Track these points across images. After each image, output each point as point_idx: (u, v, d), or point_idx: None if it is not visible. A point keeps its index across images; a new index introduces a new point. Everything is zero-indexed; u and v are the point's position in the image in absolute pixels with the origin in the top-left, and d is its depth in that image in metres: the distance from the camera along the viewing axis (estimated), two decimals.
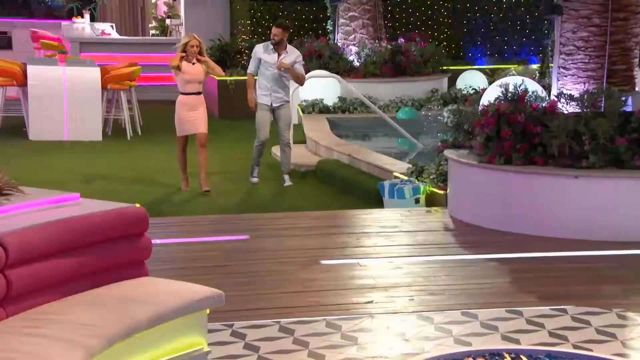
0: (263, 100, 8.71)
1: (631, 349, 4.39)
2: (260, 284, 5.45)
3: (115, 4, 22.01)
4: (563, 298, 5.13)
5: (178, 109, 8.45)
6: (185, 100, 8.41)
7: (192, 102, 8.39)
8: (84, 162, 10.24)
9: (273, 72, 8.61)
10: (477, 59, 16.28)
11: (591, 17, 6.74)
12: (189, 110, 8.39)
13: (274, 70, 8.61)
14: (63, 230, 3.50)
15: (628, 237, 6.34)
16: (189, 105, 8.39)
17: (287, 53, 8.68)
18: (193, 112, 8.40)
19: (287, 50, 8.70)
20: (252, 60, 8.84)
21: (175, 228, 6.90)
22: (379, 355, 4.27)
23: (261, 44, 8.89)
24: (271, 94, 8.68)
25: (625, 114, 6.53)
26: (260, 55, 8.70)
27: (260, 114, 8.75)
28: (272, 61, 8.62)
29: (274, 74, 8.63)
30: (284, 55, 8.64)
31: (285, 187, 8.81)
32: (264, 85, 8.69)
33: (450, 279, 5.56)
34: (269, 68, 8.63)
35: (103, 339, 3.16)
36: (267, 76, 8.67)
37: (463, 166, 7.04)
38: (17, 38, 21.21)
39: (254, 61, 8.79)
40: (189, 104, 8.39)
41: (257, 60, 8.73)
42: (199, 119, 8.42)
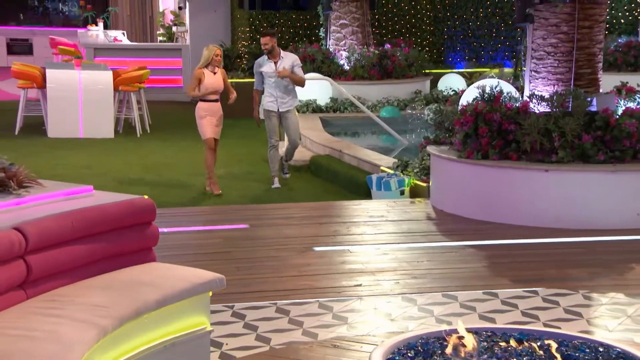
0: (270, 107, 8.44)
1: (595, 326, 4.40)
2: (259, 269, 5.44)
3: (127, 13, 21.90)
4: (535, 281, 5.13)
5: (200, 114, 8.10)
6: (206, 107, 8.06)
7: (213, 109, 8.07)
8: (97, 158, 10.19)
9: (275, 80, 8.36)
10: (457, 63, 16.26)
11: (560, 25, 6.73)
12: (210, 116, 8.07)
13: (275, 79, 8.36)
14: (77, 219, 3.48)
15: (594, 225, 6.34)
16: (210, 111, 8.06)
17: (282, 58, 8.41)
18: (213, 118, 8.08)
19: (282, 56, 8.43)
20: (255, 76, 8.51)
21: (181, 218, 6.88)
22: (367, 333, 4.26)
23: (259, 59, 8.59)
24: (277, 99, 8.42)
25: (591, 114, 6.52)
26: (260, 69, 8.41)
27: (269, 122, 8.47)
28: (271, 71, 8.35)
29: (277, 82, 8.37)
30: (280, 62, 8.36)
31: (283, 179, 8.72)
32: (270, 93, 8.44)
33: (432, 264, 5.55)
34: (270, 78, 8.38)
35: (115, 319, 3.15)
36: (271, 85, 8.41)
37: (444, 161, 7.03)
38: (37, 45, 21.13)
39: (257, 76, 8.48)
40: (209, 110, 8.05)
41: (259, 74, 8.44)
42: (218, 126, 8.14)
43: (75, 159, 10.07)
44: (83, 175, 8.91)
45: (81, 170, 9.37)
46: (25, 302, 3.26)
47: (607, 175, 6.37)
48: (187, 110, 15.18)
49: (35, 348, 2.84)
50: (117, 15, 21.93)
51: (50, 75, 11.55)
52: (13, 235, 3.20)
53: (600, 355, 3.02)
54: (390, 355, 3.02)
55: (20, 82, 11.74)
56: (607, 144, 6.47)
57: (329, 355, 3.91)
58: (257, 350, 4.03)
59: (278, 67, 8.33)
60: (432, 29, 16.13)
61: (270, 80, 8.39)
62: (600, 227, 6.31)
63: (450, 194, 6.99)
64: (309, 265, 5.52)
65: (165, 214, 6.78)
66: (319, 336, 4.21)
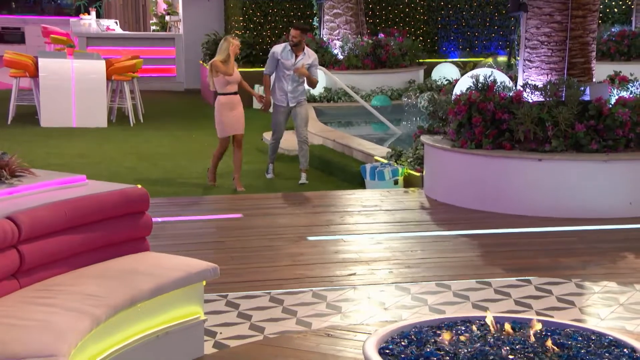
0: (280, 102, 8.04)
1: (587, 314, 4.42)
2: (253, 258, 5.44)
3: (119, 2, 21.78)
4: (527, 270, 5.15)
5: (220, 110, 7.76)
6: (226, 100, 7.72)
7: (233, 101, 7.73)
8: (90, 147, 10.16)
9: (290, 73, 7.94)
10: (450, 52, 16.24)
11: (553, 15, 6.72)
12: (230, 110, 7.73)
13: (291, 72, 7.93)
14: (70, 209, 3.47)
15: (586, 214, 6.36)
16: (230, 105, 7.72)
17: (305, 55, 7.97)
18: (234, 112, 7.75)
19: (305, 52, 7.98)
20: (269, 60, 8.08)
21: (174, 207, 6.87)
22: (360, 322, 4.27)
23: (279, 45, 8.13)
24: (287, 94, 7.99)
25: (584, 103, 6.53)
26: (278, 57, 7.97)
27: (276, 115, 8.10)
28: (289, 63, 7.93)
29: (292, 76, 7.95)
30: (301, 57, 7.93)
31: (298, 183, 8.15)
32: (281, 86, 8.01)
33: (425, 253, 5.56)
34: (285, 70, 7.95)
35: (108, 308, 3.15)
36: (285, 77, 7.98)
37: (438, 150, 7.03)
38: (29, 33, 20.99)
39: (271, 62, 8.04)
40: (229, 103, 7.72)
41: (275, 61, 8.00)
42: (240, 120, 7.79)
43: (68, 149, 10.03)
44: (76, 164, 8.88)
45: (74, 159, 9.34)
46: (19, 292, 3.26)
47: (600, 165, 6.39)
48: (180, 100, 15.17)
49: (29, 337, 2.83)
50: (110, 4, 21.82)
51: (42, 65, 11.49)
52: (6, 225, 3.19)
53: (593, 343, 3.03)
54: (383, 344, 3.03)
55: (13, 71, 11.68)
56: (600, 133, 6.48)
57: (322, 345, 3.91)
58: (251, 339, 4.04)
59: (298, 62, 7.92)
60: (426, 18, 16.10)
61: (285, 71, 7.97)
62: (593, 216, 6.33)
63: (444, 183, 6.99)
64: (302, 254, 5.52)
65: (159, 203, 6.77)
66: (312, 325, 4.21)
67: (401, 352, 2.95)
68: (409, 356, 2.91)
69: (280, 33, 14.98)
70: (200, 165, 9.24)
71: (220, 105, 7.76)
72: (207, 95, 14.89)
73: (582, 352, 2.93)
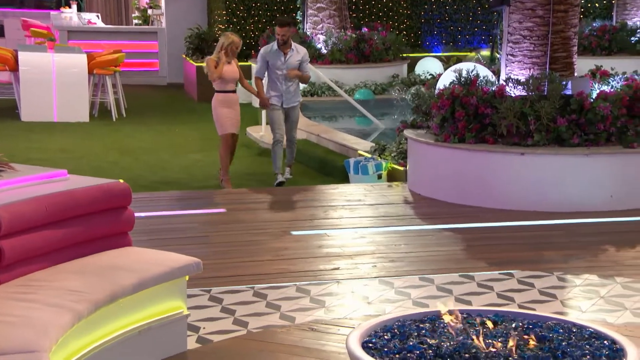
0: (275, 102, 7.75)
1: (569, 307, 4.46)
2: (236, 253, 5.43)
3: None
4: (510, 263, 5.18)
5: (217, 107, 7.56)
6: (223, 98, 7.52)
7: (230, 99, 7.55)
8: (72, 142, 10.09)
9: (282, 73, 7.69)
10: (434, 47, 16.27)
11: (535, 9, 6.75)
12: (227, 107, 7.54)
13: (283, 72, 7.68)
14: (51, 204, 3.45)
15: (568, 207, 6.40)
16: (227, 102, 7.53)
17: (293, 51, 7.72)
18: (231, 110, 7.55)
19: (293, 48, 7.74)
20: (259, 63, 7.81)
21: (157, 202, 6.84)
22: (344, 317, 4.28)
23: (267, 46, 7.88)
24: (282, 95, 7.72)
25: (566, 97, 6.57)
26: (267, 58, 7.72)
27: (273, 114, 7.78)
28: (279, 63, 7.68)
29: (284, 76, 7.69)
30: (290, 54, 7.69)
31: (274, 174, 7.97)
32: (275, 87, 7.74)
33: (409, 247, 5.58)
34: (277, 70, 7.68)
35: (90, 303, 3.14)
36: (277, 78, 7.71)
37: (421, 145, 7.04)
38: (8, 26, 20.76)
39: (262, 64, 7.77)
40: (226, 101, 7.53)
41: (265, 62, 7.74)
42: (236, 119, 7.60)
43: (49, 143, 9.96)
44: (57, 159, 8.82)
45: (56, 154, 9.28)
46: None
47: (582, 158, 6.43)
48: (163, 94, 15.10)
49: (9, 333, 2.81)
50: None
51: (22, 58, 11.38)
52: None
53: (574, 336, 3.06)
54: (367, 338, 3.04)
55: None
56: (581, 127, 6.52)
57: (306, 339, 3.92)
58: (234, 334, 4.04)
59: (287, 60, 7.69)
60: (409, 12, 16.12)
61: (277, 72, 7.70)
62: (574, 210, 6.37)
63: (427, 177, 7.01)
64: (286, 249, 5.52)
65: (141, 198, 6.74)
66: (296, 320, 4.22)
67: (384, 346, 2.96)
68: (391, 350, 2.92)
69: (263, 27, 14.93)
70: (183, 159, 9.22)
71: (216, 102, 7.58)
72: (190, 90, 14.82)
73: (563, 345, 2.95)
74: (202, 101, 13.59)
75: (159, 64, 16.35)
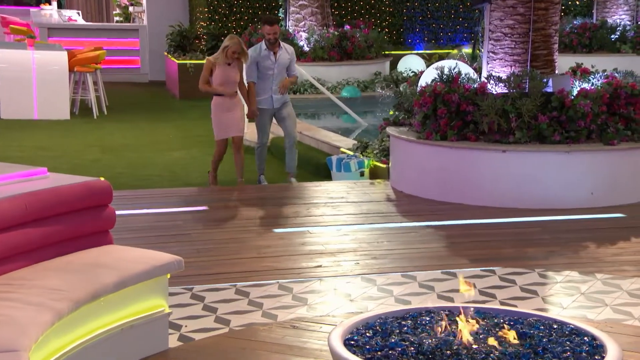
0: (264, 105, 7.49)
1: (550, 303, 4.49)
2: (219, 251, 5.42)
3: None
4: (492, 260, 5.20)
5: (214, 111, 7.27)
6: (220, 102, 7.23)
7: (227, 103, 7.23)
8: (52, 139, 10.02)
9: (274, 72, 7.46)
10: (416, 44, 16.32)
11: (516, 7, 6.78)
12: (225, 111, 7.23)
13: (274, 71, 7.46)
14: (31, 202, 3.42)
15: (549, 204, 6.45)
16: (225, 106, 7.22)
17: (281, 49, 7.52)
18: (230, 113, 7.25)
19: (282, 47, 7.54)
20: (249, 66, 7.44)
21: (139, 200, 6.80)
22: (326, 314, 4.28)
23: (253, 48, 7.56)
24: (272, 95, 7.48)
25: (547, 94, 6.61)
26: (257, 60, 7.44)
27: (261, 118, 7.53)
28: (271, 62, 7.44)
29: (277, 75, 7.48)
30: (279, 53, 7.48)
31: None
32: (265, 86, 7.48)
33: (391, 245, 5.59)
34: (268, 71, 7.46)
35: (71, 302, 3.11)
36: (268, 79, 7.47)
37: (403, 142, 7.06)
38: None
39: (252, 67, 7.44)
40: (224, 105, 7.23)
41: (254, 65, 7.44)
42: (235, 121, 7.29)
43: (29, 141, 9.87)
44: (37, 157, 8.75)
45: (36, 152, 9.20)
46: None
47: (563, 156, 6.48)
48: (144, 92, 15.03)
49: None
50: None
51: (1, 55, 11.30)
52: None
53: (554, 332, 3.08)
54: (349, 335, 3.04)
55: None
56: (562, 125, 6.57)
57: (288, 336, 3.92)
58: (216, 332, 4.02)
59: (278, 59, 7.48)
60: (392, 10, 16.15)
61: (267, 73, 7.46)
62: (556, 207, 6.42)
63: (410, 175, 7.03)
64: (268, 246, 5.51)
65: (123, 196, 6.70)
66: (278, 317, 4.21)
67: (366, 343, 2.96)
68: (373, 347, 2.93)
69: (245, 24, 14.90)
70: (165, 157, 9.18)
71: (214, 106, 7.30)
72: (171, 87, 14.76)
73: (544, 341, 2.97)
74: (184, 99, 13.57)
75: (140, 61, 16.28)
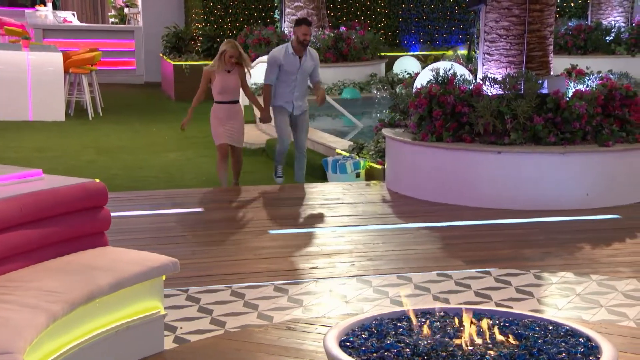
0: (284, 107, 7.30)
1: (545, 305, 4.49)
2: (214, 252, 5.41)
3: None
4: (487, 261, 5.21)
5: (212, 120, 7.08)
6: (218, 109, 7.04)
7: (227, 111, 7.03)
8: (48, 141, 10.00)
9: (298, 78, 7.21)
10: (412, 45, 16.34)
11: (511, 8, 6.80)
12: (225, 119, 7.02)
13: (298, 76, 7.21)
14: (26, 203, 3.42)
15: (545, 205, 6.46)
16: (224, 114, 7.02)
17: (306, 55, 7.22)
18: (229, 122, 7.04)
19: (307, 52, 7.24)
20: (270, 68, 7.16)
21: (134, 202, 6.80)
22: (322, 315, 4.28)
23: (278, 48, 7.27)
24: (293, 101, 7.25)
25: (542, 96, 6.62)
26: (281, 63, 7.12)
27: (280, 118, 7.27)
28: (295, 67, 7.16)
29: (300, 80, 7.23)
30: (304, 59, 7.20)
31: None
32: (285, 93, 7.22)
33: (387, 246, 5.60)
34: (291, 75, 7.17)
35: (66, 304, 3.11)
36: (289, 84, 7.20)
37: (399, 143, 7.07)
38: None
39: (274, 69, 7.14)
40: (223, 113, 7.03)
41: (277, 68, 7.13)
42: (235, 132, 7.07)
43: (24, 142, 9.86)
44: (33, 158, 8.74)
45: (31, 153, 9.19)
46: None
47: (558, 157, 6.49)
48: (140, 93, 15.01)
49: None
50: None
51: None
52: None
53: (550, 333, 3.08)
54: (344, 337, 3.04)
55: None
56: (557, 126, 6.58)
57: (283, 338, 3.92)
58: (211, 333, 4.02)
59: (303, 64, 7.20)
60: (387, 11, 16.16)
61: (291, 77, 7.17)
62: (551, 208, 6.43)
63: (405, 176, 7.04)
64: (264, 248, 5.51)
65: (118, 197, 6.70)
66: (274, 319, 4.21)
67: (362, 345, 2.97)
68: (369, 348, 2.93)
69: (241, 26, 14.89)
70: (160, 159, 9.17)
71: (213, 113, 7.12)
72: (167, 89, 14.75)
73: (539, 342, 2.98)
74: (180, 100, 13.55)
75: (135, 62, 16.26)
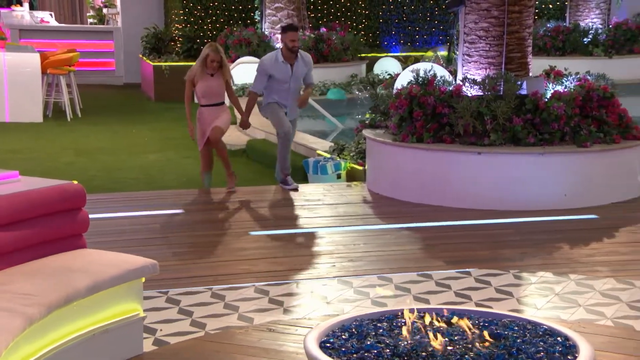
0: (280, 102, 7.10)
1: (525, 304, 4.52)
2: (194, 254, 5.39)
3: None
4: (467, 262, 5.23)
5: (197, 122, 7.02)
6: (203, 111, 6.98)
7: (212, 113, 6.95)
8: (25, 143, 9.91)
9: (290, 86, 7.02)
10: (392, 47, 16.38)
11: (490, 10, 6.84)
12: (211, 121, 6.96)
13: (290, 85, 7.01)
14: (3, 205, 3.38)
15: (524, 206, 6.50)
16: (209, 116, 6.96)
17: (298, 60, 7.02)
18: (215, 121, 6.97)
19: (299, 57, 7.04)
20: (259, 76, 7.00)
21: (113, 203, 6.75)
22: (303, 317, 4.28)
23: (268, 57, 7.07)
24: (286, 112, 7.12)
25: (521, 97, 6.67)
26: (271, 72, 6.95)
27: (275, 109, 7.06)
28: (287, 75, 6.97)
29: (290, 89, 7.03)
30: (296, 65, 7.01)
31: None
32: (277, 100, 7.07)
33: (368, 247, 5.61)
34: (283, 84, 6.98)
35: (43, 307, 3.08)
36: (281, 92, 7.01)
37: (379, 144, 7.08)
38: None
39: (263, 78, 6.98)
40: (208, 115, 6.96)
41: (266, 76, 6.97)
42: (220, 119, 6.97)
43: (1, 144, 9.76)
44: (9, 160, 8.65)
45: (6, 155, 9.10)
46: None
47: (537, 158, 6.54)
48: (119, 94, 14.91)
49: None
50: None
51: None
52: None
53: (528, 333, 3.11)
54: (324, 338, 3.04)
55: None
56: (536, 127, 6.63)
57: (264, 339, 3.91)
58: (191, 335, 4.00)
59: (294, 72, 7.00)
60: (368, 12, 16.20)
61: (283, 86, 6.99)
62: (530, 208, 6.47)
63: (386, 177, 7.05)
64: (245, 249, 5.50)
65: (97, 199, 6.65)
66: (254, 320, 4.20)
67: (342, 346, 2.97)
68: (349, 349, 2.93)
69: (221, 27, 14.85)
70: (140, 160, 9.12)
71: (198, 115, 7.05)
72: (147, 89, 14.67)
73: (517, 342, 3.00)
74: (159, 101, 13.48)
75: (115, 63, 16.16)
